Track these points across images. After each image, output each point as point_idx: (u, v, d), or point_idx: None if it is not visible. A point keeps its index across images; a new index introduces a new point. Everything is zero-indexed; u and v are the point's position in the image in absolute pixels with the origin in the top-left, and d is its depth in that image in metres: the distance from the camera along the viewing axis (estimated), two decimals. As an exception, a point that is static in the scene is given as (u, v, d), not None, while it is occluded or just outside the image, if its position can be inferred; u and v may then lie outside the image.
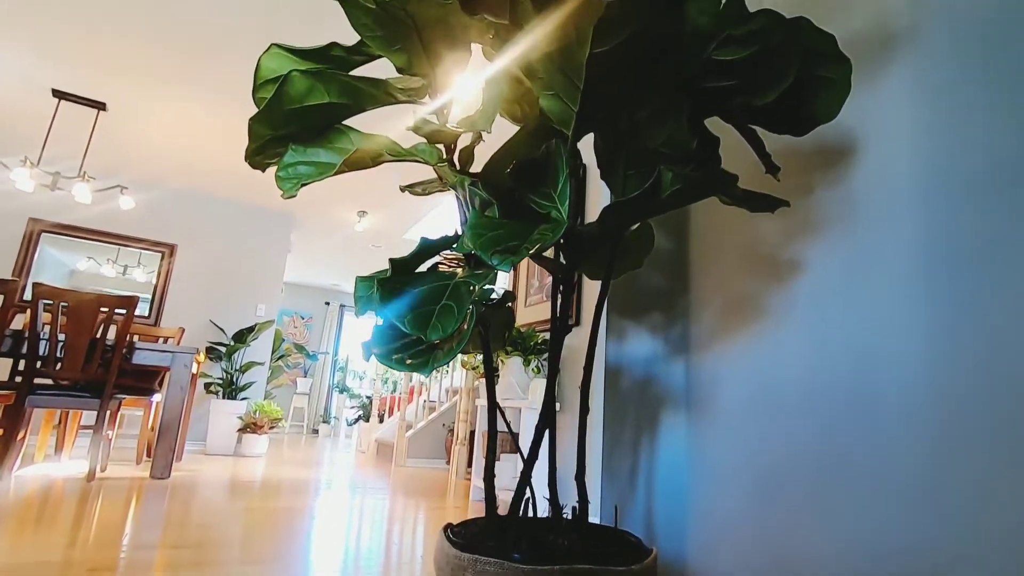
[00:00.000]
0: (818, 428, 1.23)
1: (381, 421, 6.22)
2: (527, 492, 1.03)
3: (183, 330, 4.21)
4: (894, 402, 1.10)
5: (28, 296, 4.47)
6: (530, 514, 1.09)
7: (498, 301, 1.02)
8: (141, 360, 3.10)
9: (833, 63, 1.01)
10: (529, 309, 3.01)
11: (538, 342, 2.68)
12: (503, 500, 2.50)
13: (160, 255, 5.15)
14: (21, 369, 3.29)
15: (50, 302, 2.78)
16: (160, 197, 5.21)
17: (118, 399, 3.33)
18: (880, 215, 1.19)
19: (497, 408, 1.07)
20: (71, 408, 2.86)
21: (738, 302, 1.50)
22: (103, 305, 2.88)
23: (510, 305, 1.13)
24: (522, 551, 0.89)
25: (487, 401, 1.07)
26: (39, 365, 2.79)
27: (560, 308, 1.07)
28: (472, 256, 0.94)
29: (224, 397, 4.84)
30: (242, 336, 5.06)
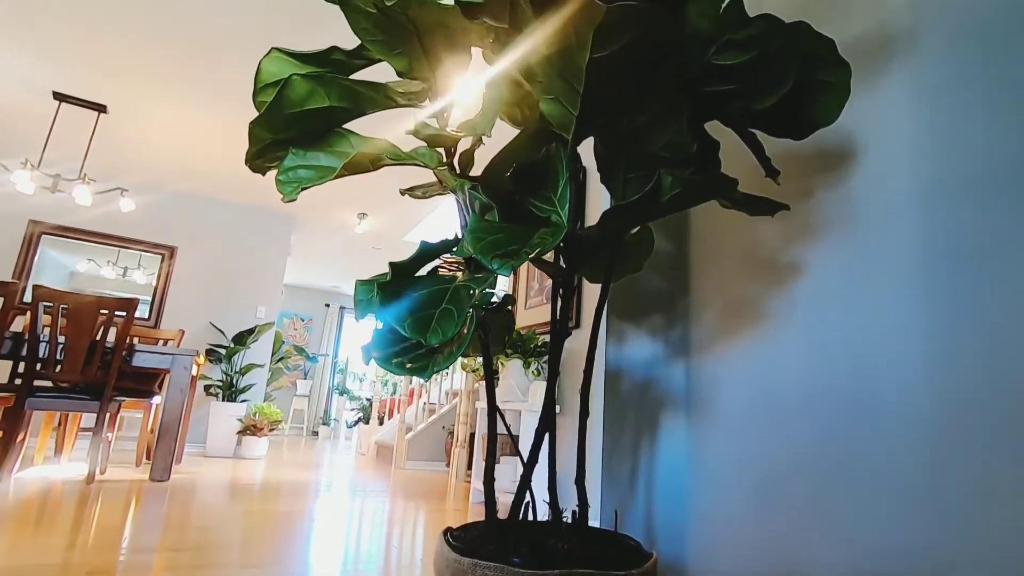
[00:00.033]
0: (818, 430, 1.23)
1: (381, 423, 6.22)
2: (527, 496, 1.03)
3: (183, 332, 4.21)
4: (894, 404, 1.10)
5: (28, 298, 4.47)
6: (530, 518, 1.09)
7: (498, 305, 1.02)
8: (141, 362, 3.10)
9: (832, 67, 1.01)
10: (529, 311, 3.01)
11: (538, 345, 2.67)
12: (503, 503, 2.49)
13: (160, 257, 5.15)
14: (21, 371, 3.29)
15: (50, 304, 2.78)
16: (160, 199, 5.22)
17: (118, 401, 3.33)
18: (880, 218, 1.19)
19: (497, 411, 1.07)
20: (71, 410, 2.86)
21: (738, 305, 1.50)
22: (103, 307, 2.88)
23: (510, 308, 1.13)
24: (522, 555, 0.89)
25: (487, 404, 1.07)
26: (39, 367, 2.79)
27: (560, 311, 1.07)
28: (472, 260, 0.94)
29: (224, 399, 4.84)
30: (242, 338, 5.06)
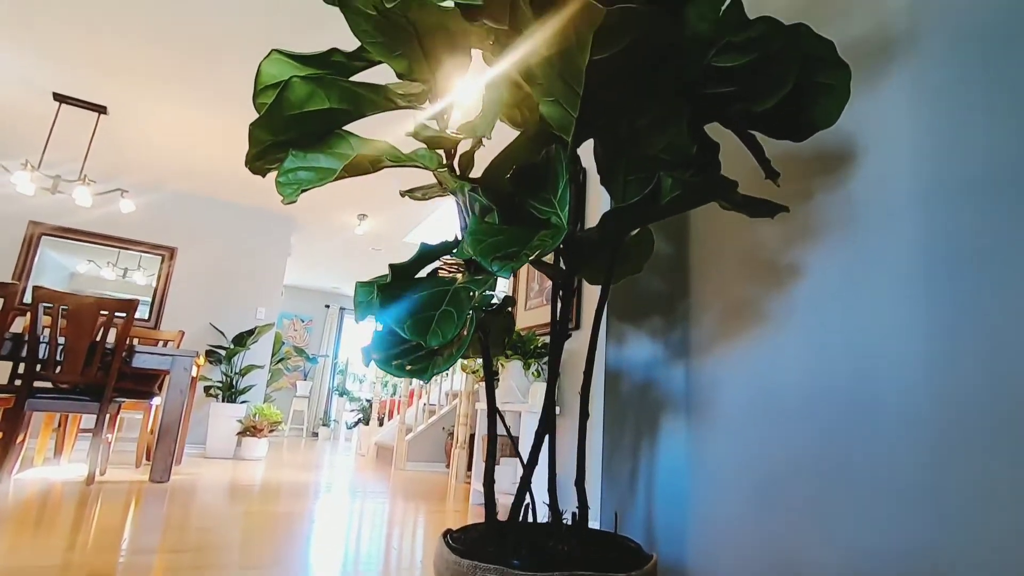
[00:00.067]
0: (818, 432, 1.23)
1: (381, 424, 6.22)
2: (527, 497, 1.03)
3: (183, 333, 4.22)
4: (894, 405, 1.10)
5: (28, 299, 4.47)
6: (530, 519, 1.09)
7: (498, 307, 1.02)
8: (141, 363, 3.10)
9: (832, 69, 1.01)
10: (529, 312, 3.01)
11: (538, 346, 2.67)
12: (503, 504, 2.49)
13: (160, 258, 5.16)
14: (21, 372, 3.29)
15: (50, 305, 2.78)
16: (160, 200, 5.22)
17: (118, 402, 3.33)
18: (880, 220, 1.19)
19: (497, 413, 1.07)
20: (71, 411, 2.86)
21: (738, 306, 1.50)
22: (103, 308, 2.88)
23: (510, 310, 1.13)
24: (522, 557, 0.89)
25: (487, 406, 1.07)
26: (39, 368, 2.79)
27: (560, 313, 1.07)
28: (472, 262, 0.94)
29: (224, 400, 4.84)
30: (242, 339, 5.06)
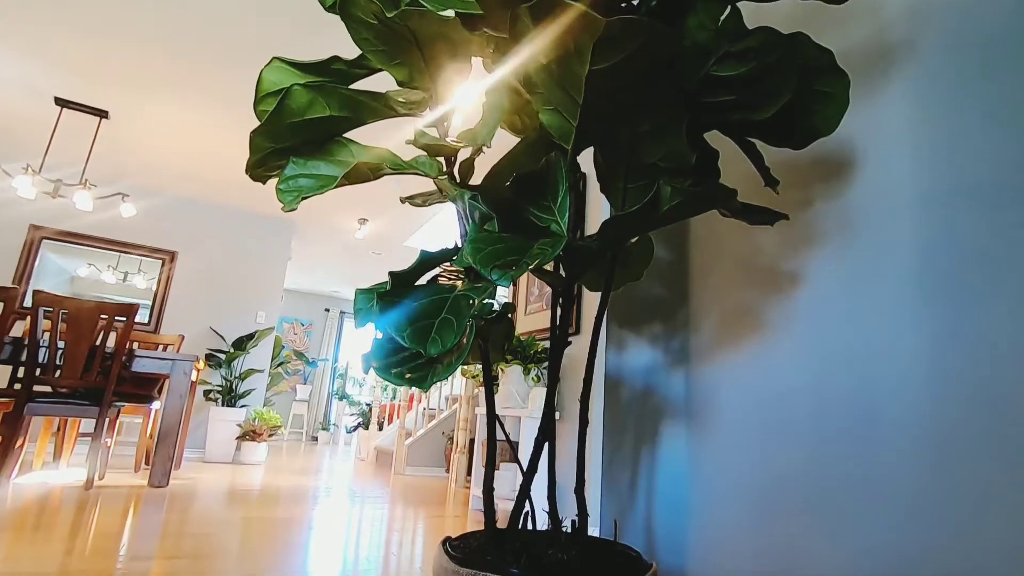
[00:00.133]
0: (819, 439, 1.23)
1: (380, 429, 6.21)
2: (526, 505, 1.03)
3: (183, 337, 4.21)
4: (894, 412, 1.10)
5: (29, 303, 4.47)
6: (529, 527, 1.08)
7: (498, 314, 1.02)
8: (141, 368, 3.10)
9: (831, 77, 1.01)
10: (529, 317, 3.01)
11: (538, 351, 2.67)
12: (502, 510, 2.49)
13: (161, 262, 5.16)
14: (20, 376, 3.29)
15: (50, 309, 2.78)
16: (161, 204, 5.23)
17: (117, 406, 3.33)
18: (879, 226, 1.19)
19: (496, 419, 1.07)
20: (70, 416, 2.86)
21: (738, 313, 1.50)
22: (103, 312, 2.89)
23: (510, 316, 1.13)
24: (521, 566, 0.89)
25: (487, 412, 1.07)
26: (38, 372, 2.79)
27: (560, 319, 1.07)
28: (472, 269, 0.94)
29: (223, 404, 4.83)
30: (242, 343, 5.06)
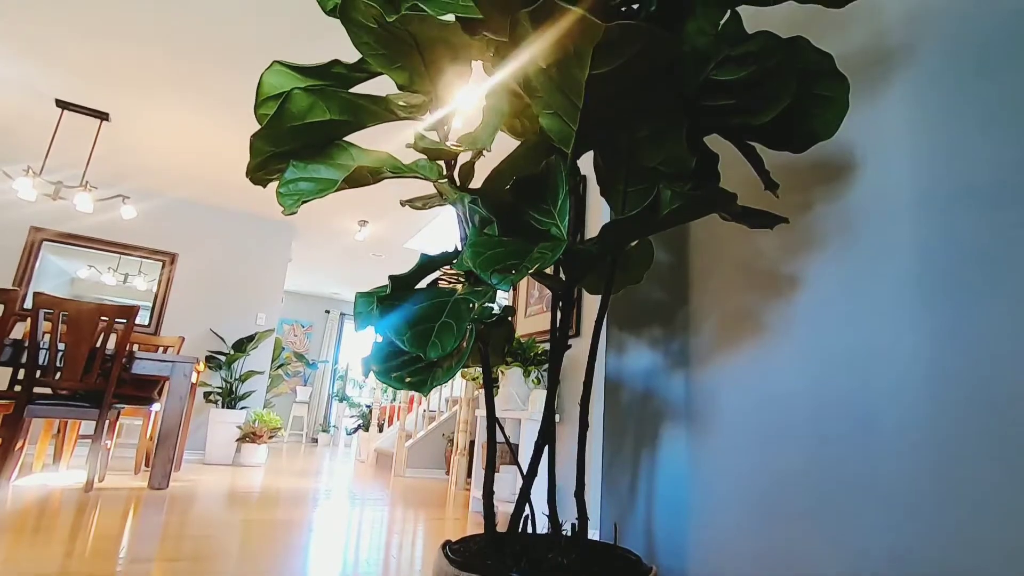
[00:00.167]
0: (818, 441, 1.23)
1: (381, 431, 6.21)
2: (526, 509, 1.03)
3: (183, 339, 4.21)
4: (894, 415, 1.10)
5: (29, 305, 4.47)
6: (529, 530, 1.08)
7: (498, 318, 1.02)
8: (141, 370, 3.10)
9: (831, 81, 1.01)
10: (529, 319, 3.01)
11: (538, 353, 2.67)
12: (503, 512, 2.48)
13: (161, 264, 5.16)
14: (20, 378, 3.29)
15: (50, 311, 2.78)
16: (161, 206, 5.23)
17: (117, 408, 3.33)
18: (879, 229, 1.19)
19: (496, 422, 1.07)
20: (70, 418, 2.86)
21: (738, 316, 1.50)
22: (103, 314, 2.89)
23: (510, 319, 1.14)
24: (521, 570, 0.89)
25: (487, 416, 1.07)
26: (39, 374, 2.79)
27: (560, 323, 1.07)
28: (472, 273, 0.94)
29: (223, 406, 4.83)
30: (242, 345, 5.06)
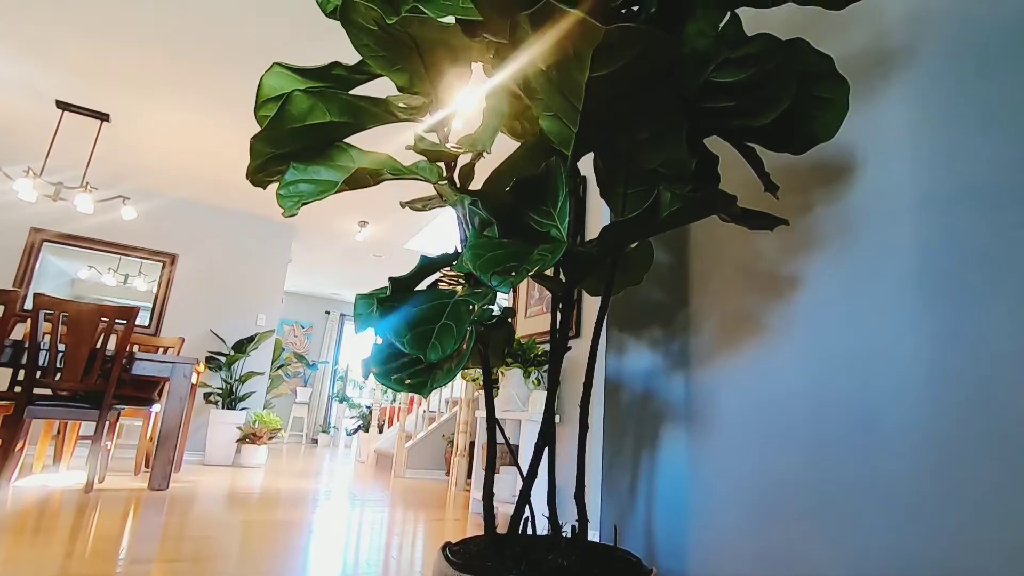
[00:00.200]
0: (818, 443, 1.23)
1: (380, 431, 6.21)
2: (526, 511, 1.03)
3: (183, 340, 4.21)
4: (894, 416, 1.10)
5: (29, 306, 4.47)
6: (529, 532, 1.08)
7: (498, 320, 1.02)
8: (141, 371, 3.10)
9: (831, 83, 1.01)
10: (529, 320, 3.01)
11: (538, 354, 2.67)
12: (503, 513, 2.48)
13: (161, 264, 5.16)
14: (21, 379, 3.29)
15: (51, 312, 2.78)
16: (162, 206, 5.23)
17: (117, 409, 3.33)
18: (879, 230, 1.20)
19: (496, 424, 1.07)
20: (70, 419, 2.86)
21: (738, 317, 1.50)
22: (103, 315, 2.89)
23: (510, 321, 1.14)
24: (521, 572, 0.89)
25: (487, 417, 1.07)
26: (39, 375, 2.79)
27: (559, 324, 1.07)
28: (472, 275, 0.94)
29: (223, 407, 4.83)
30: (242, 346, 5.07)
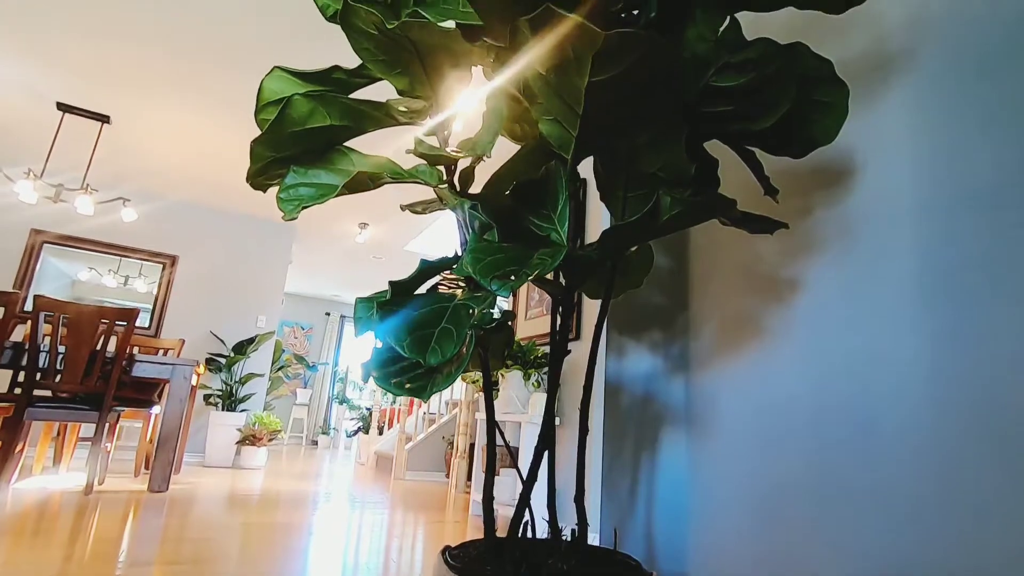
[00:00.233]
0: (818, 446, 1.23)
1: (381, 433, 6.20)
2: (526, 514, 1.03)
3: (183, 342, 4.21)
4: (894, 419, 1.10)
5: (29, 307, 4.47)
6: (529, 535, 1.08)
7: (498, 323, 1.02)
8: (141, 372, 3.10)
9: (831, 87, 1.01)
10: (529, 322, 3.01)
11: (538, 356, 2.67)
12: (502, 516, 2.48)
13: (161, 266, 5.16)
14: (21, 381, 3.29)
15: (51, 314, 2.78)
16: (162, 208, 5.23)
17: (117, 411, 3.32)
18: (879, 234, 1.20)
19: (496, 427, 1.07)
20: (70, 421, 2.86)
21: (738, 320, 1.50)
22: (103, 317, 2.89)
23: (510, 324, 1.14)
24: (520, 575, 0.89)
25: (486, 420, 1.07)
26: (39, 377, 2.79)
27: (559, 328, 1.07)
28: (472, 278, 0.95)
29: (223, 409, 4.83)
30: (242, 347, 5.06)
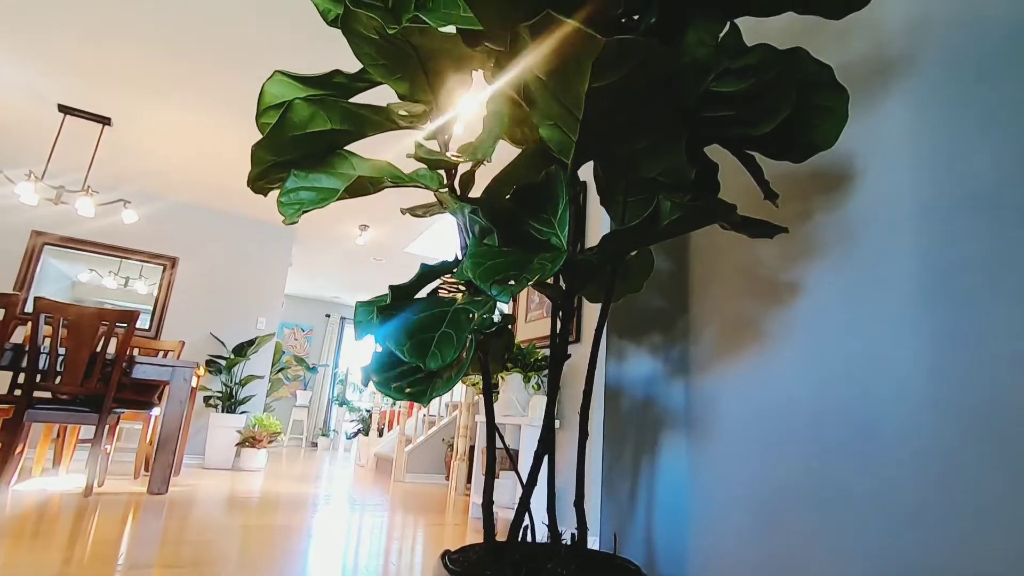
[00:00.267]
0: (819, 450, 1.23)
1: (380, 435, 6.20)
2: (526, 518, 1.03)
3: (183, 343, 4.21)
4: (895, 424, 1.10)
5: (30, 309, 4.47)
6: (528, 540, 1.08)
7: (498, 327, 1.03)
8: (141, 374, 3.10)
9: (831, 92, 1.02)
10: (529, 325, 3.01)
11: (538, 359, 2.67)
12: (502, 519, 2.48)
13: (162, 267, 5.16)
14: (21, 382, 3.29)
15: (51, 316, 2.78)
16: (163, 210, 5.24)
17: (117, 413, 3.32)
18: (879, 238, 1.20)
19: (496, 430, 1.07)
20: (70, 423, 2.86)
21: (738, 324, 1.50)
22: (104, 319, 2.89)
23: (510, 328, 1.14)
24: (520, 580, 0.89)
25: (486, 424, 1.07)
26: (39, 379, 2.79)
27: (559, 331, 1.07)
28: (472, 283, 0.95)
29: (223, 411, 4.83)
30: (242, 349, 5.06)
